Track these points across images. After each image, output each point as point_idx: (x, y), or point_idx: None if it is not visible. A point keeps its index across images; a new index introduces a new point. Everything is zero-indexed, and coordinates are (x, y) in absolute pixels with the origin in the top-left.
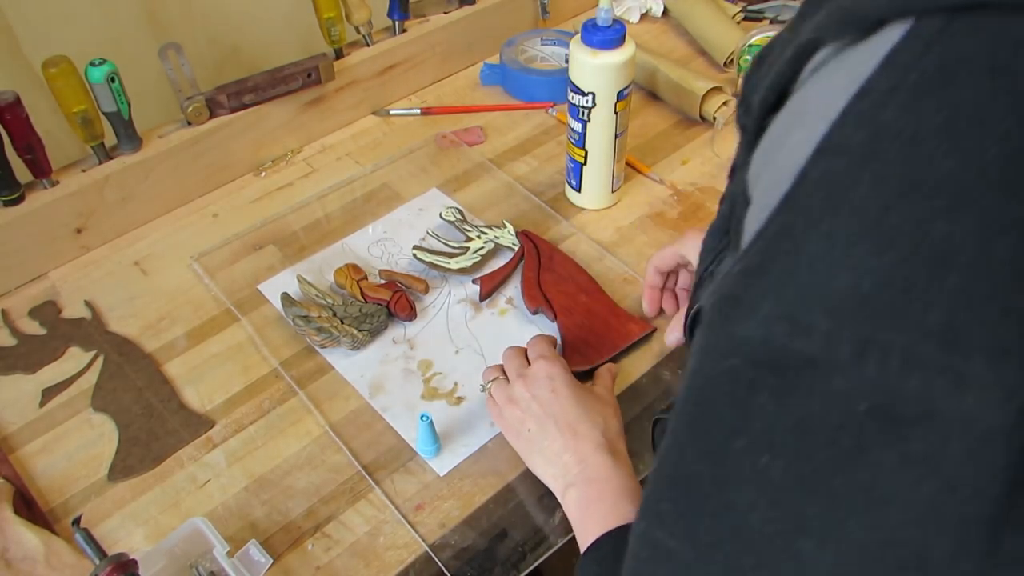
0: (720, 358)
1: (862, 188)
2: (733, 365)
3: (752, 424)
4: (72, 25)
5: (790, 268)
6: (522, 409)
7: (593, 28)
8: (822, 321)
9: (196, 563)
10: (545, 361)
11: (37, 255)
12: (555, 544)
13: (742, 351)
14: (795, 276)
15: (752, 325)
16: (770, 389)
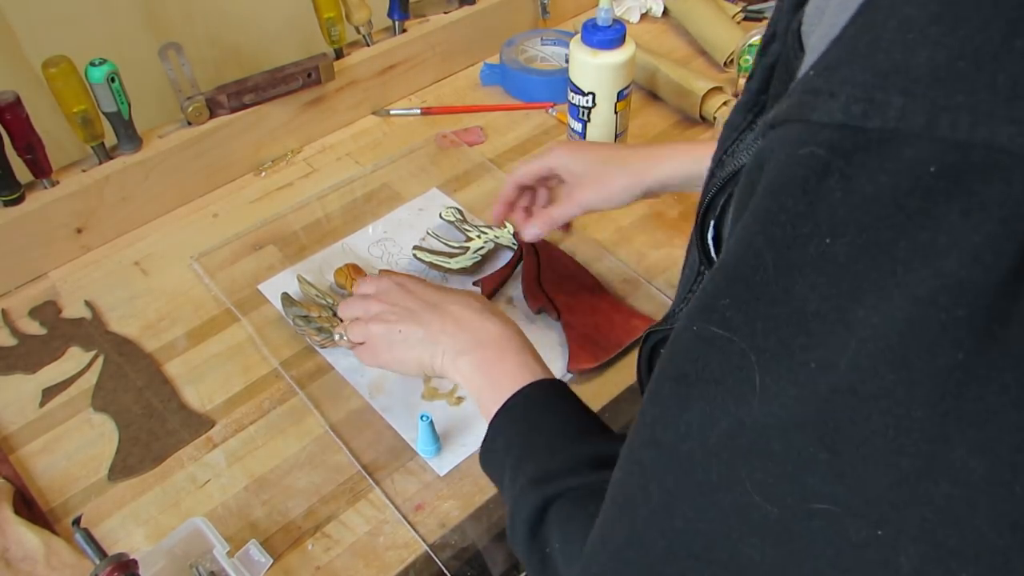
0: (793, 146)
1: None
2: (809, 153)
3: (818, 209)
4: (72, 25)
5: (868, 55)
6: (384, 320)
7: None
8: (896, 98)
9: (196, 563)
10: (386, 277)
11: (37, 255)
12: None
13: (815, 136)
14: (872, 61)
15: (831, 110)
16: (840, 172)
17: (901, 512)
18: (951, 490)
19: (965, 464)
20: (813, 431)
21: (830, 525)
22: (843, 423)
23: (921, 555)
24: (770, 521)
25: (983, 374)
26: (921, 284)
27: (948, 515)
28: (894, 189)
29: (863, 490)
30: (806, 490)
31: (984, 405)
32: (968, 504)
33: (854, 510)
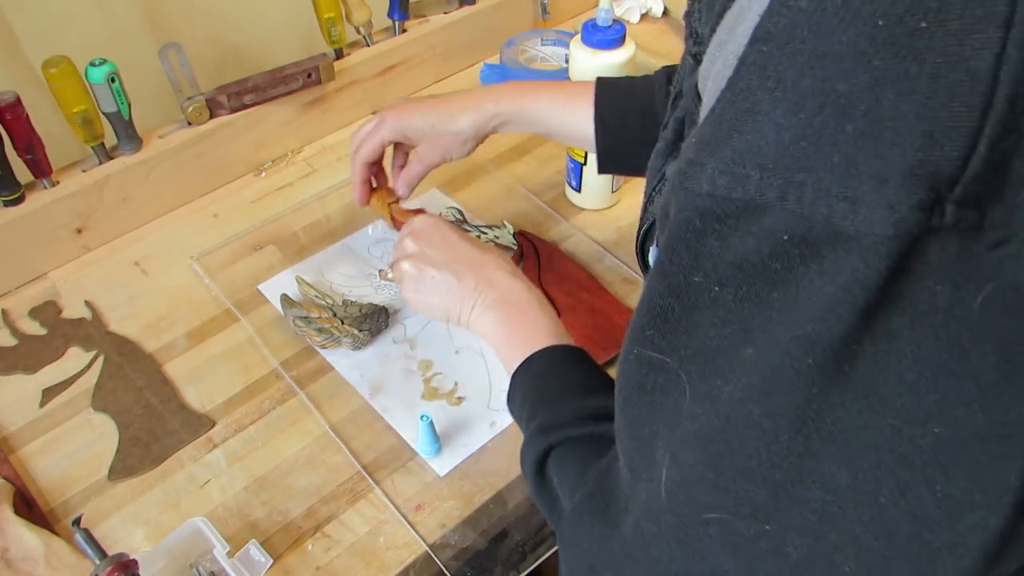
0: (679, 212)
1: (783, 64)
2: (687, 216)
3: (704, 263)
4: (72, 25)
5: (729, 134)
6: (418, 261)
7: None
8: (753, 172)
9: (196, 563)
10: (427, 216)
11: (37, 255)
12: (555, 544)
13: (693, 204)
14: (732, 140)
15: (701, 181)
16: (716, 233)
17: (783, 512)
18: (823, 495)
19: (832, 475)
20: (703, 451)
21: (723, 528)
22: (723, 447)
23: (807, 546)
24: (671, 526)
25: (837, 402)
26: (783, 333)
27: (824, 516)
28: (759, 251)
29: (746, 499)
30: (697, 502)
31: (841, 427)
32: (840, 508)
33: (742, 515)
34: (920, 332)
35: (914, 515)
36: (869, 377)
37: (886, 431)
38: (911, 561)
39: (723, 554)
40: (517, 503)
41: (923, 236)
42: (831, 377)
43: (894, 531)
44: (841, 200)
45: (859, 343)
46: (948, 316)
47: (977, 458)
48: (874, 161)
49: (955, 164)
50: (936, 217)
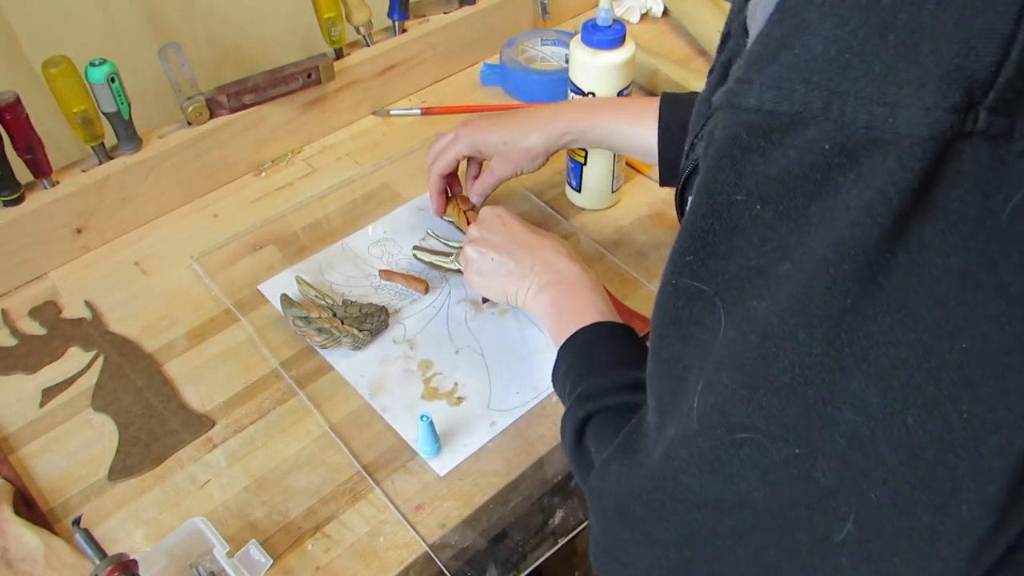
0: (725, 129)
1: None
2: (734, 132)
3: (747, 180)
4: (72, 25)
5: (778, 50)
6: (480, 246)
7: (593, 28)
8: (800, 86)
9: (196, 563)
10: (491, 207)
11: (37, 255)
12: (555, 544)
13: (740, 120)
14: (781, 56)
15: (749, 97)
16: (761, 149)
17: (813, 434)
18: (853, 416)
19: (862, 393)
20: (738, 369)
21: (754, 451)
22: (758, 362)
23: (834, 472)
24: (703, 451)
25: (870, 315)
26: (820, 243)
27: (853, 439)
28: (802, 163)
29: (778, 418)
30: (731, 423)
31: (873, 341)
32: (869, 430)
33: (773, 435)
34: (951, 242)
35: (941, 438)
36: (901, 289)
37: (916, 347)
38: (935, 489)
39: (753, 479)
40: (517, 503)
41: (956, 141)
42: (865, 287)
43: (920, 455)
44: (881, 105)
45: (892, 252)
46: (978, 226)
47: (1003, 373)
48: (913, 68)
49: (989, 69)
50: (970, 121)
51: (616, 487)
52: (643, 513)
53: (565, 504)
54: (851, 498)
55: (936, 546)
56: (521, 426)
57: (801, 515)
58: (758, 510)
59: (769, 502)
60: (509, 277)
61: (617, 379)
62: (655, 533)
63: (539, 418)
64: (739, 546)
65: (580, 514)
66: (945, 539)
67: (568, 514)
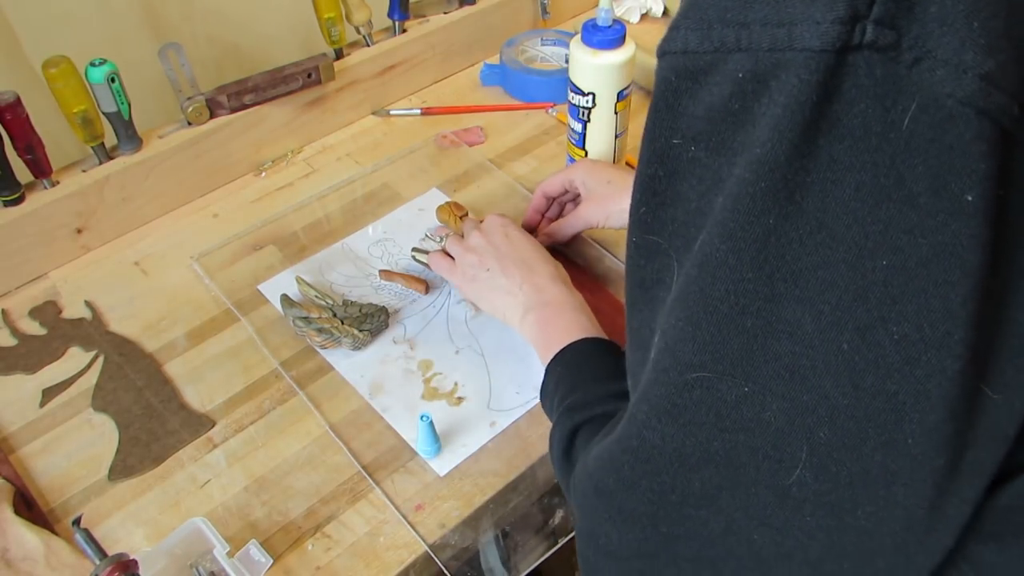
0: (659, 74)
1: None
2: (665, 75)
3: (680, 123)
4: (72, 25)
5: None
6: (479, 254)
7: (593, 28)
8: (716, 25)
9: (196, 563)
10: (496, 215)
11: (37, 255)
12: (555, 544)
13: (671, 64)
14: (700, 1)
15: (676, 41)
16: (689, 92)
17: (759, 368)
18: (792, 347)
19: (797, 320)
20: (682, 306)
21: (706, 392)
22: (697, 295)
23: (783, 412)
24: (660, 399)
25: (795, 237)
26: (740, 166)
27: (795, 372)
28: (723, 96)
29: (723, 352)
30: (682, 363)
31: (800, 265)
32: (809, 360)
33: (721, 371)
34: (859, 158)
35: (876, 363)
36: (819, 209)
37: (841, 267)
38: (879, 421)
39: (709, 424)
40: (517, 503)
41: (849, 54)
42: (784, 206)
43: (859, 384)
44: (779, 27)
45: (806, 171)
46: (881, 140)
47: (923, 287)
48: None
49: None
50: (858, 34)
51: (592, 466)
52: (615, 484)
53: (565, 504)
54: (801, 440)
55: (892, 490)
56: (521, 426)
57: (760, 466)
58: (720, 464)
59: (728, 452)
60: (497, 292)
61: (604, 390)
62: (628, 505)
63: (539, 418)
64: (710, 515)
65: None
66: (899, 481)
67: (568, 514)
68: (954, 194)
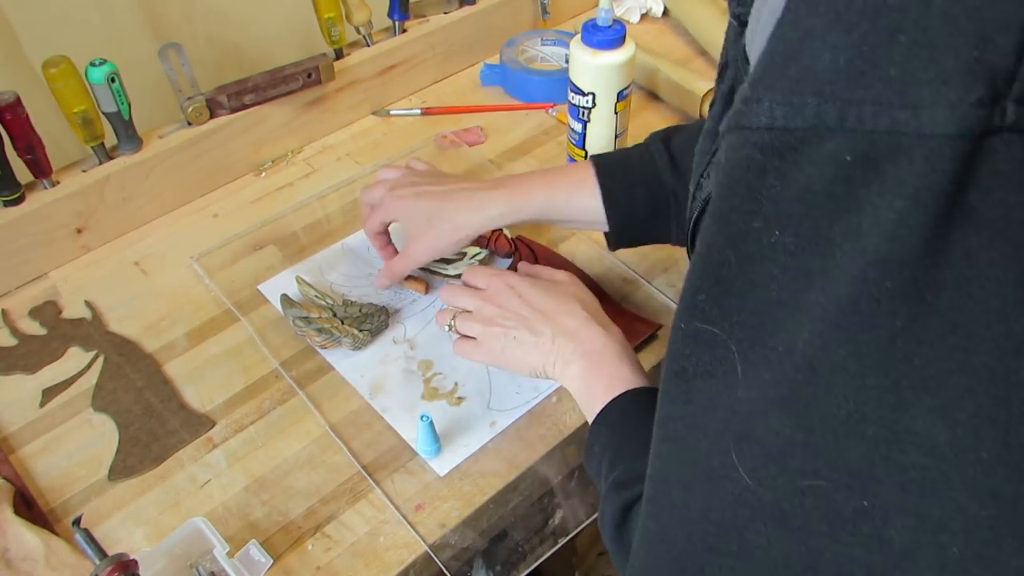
0: (736, 152)
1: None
2: (747, 154)
3: (764, 205)
4: (72, 25)
5: (785, 64)
6: (501, 324)
7: (593, 28)
8: (811, 99)
9: (196, 563)
10: (495, 276)
11: (37, 255)
12: (555, 544)
13: (752, 140)
14: (788, 70)
15: (759, 115)
16: (776, 171)
17: (881, 483)
18: (921, 459)
19: (928, 431)
20: (788, 412)
21: (821, 500)
22: (810, 400)
23: (909, 528)
24: (765, 504)
25: (925, 340)
26: (854, 263)
27: (925, 485)
28: (821, 179)
29: (841, 462)
30: (791, 469)
31: (933, 371)
32: (941, 473)
33: (838, 482)
34: (1000, 250)
35: (1020, 467)
36: (954, 308)
37: (980, 371)
38: (1020, 525)
39: (823, 535)
40: (517, 503)
41: (987, 138)
42: (913, 307)
43: (1000, 492)
44: (901, 109)
45: (938, 266)
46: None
47: None
48: (931, 67)
49: (1009, 59)
50: (997, 116)
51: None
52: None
53: (565, 504)
54: (931, 559)
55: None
56: (521, 426)
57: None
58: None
59: (840, 566)
60: (533, 352)
61: None
62: None
63: (539, 418)
64: None
65: (580, 514)
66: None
67: (568, 514)
68: None
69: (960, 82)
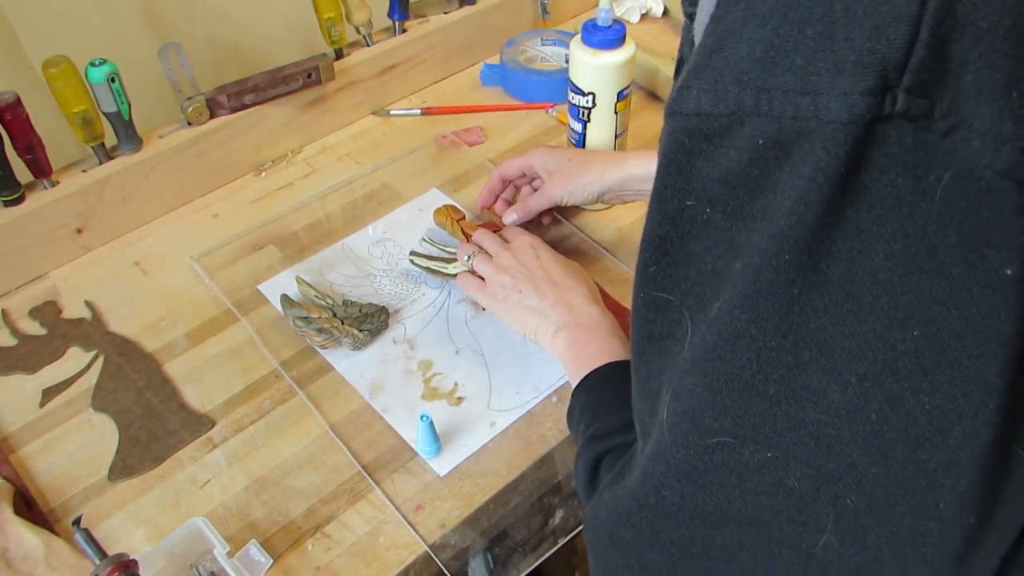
0: (669, 135)
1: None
2: (677, 137)
3: (695, 184)
4: (72, 25)
5: (710, 56)
6: (512, 274)
7: (593, 28)
8: (732, 87)
9: (196, 563)
10: (526, 235)
11: (37, 255)
12: (555, 544)
13: (683, 125)
14: (713, 60)
15: (688, 102)
16: (703, 153)
17: (782, 436)
18: (817, 415)
19: (823, 389)
20: (700, 372)
21: (728, 455)
22: (717, 362)
23: (808, 478)
24: (678, 461)
25: (820, 306)
26: (763, 237)
27: (821, 440)
28: (740, 161)
29: (745, 419)
30: (701, 428)
31: (826, 334)
32: (835, 429)
33: (743, 437)
34: (888, 227)
35: (907, 432)
36: (846, 278)
37: (869, 338)
38: (909, 488)
39: (731, 486)
40: (517, 503)
41: (879, 124)
42: (809, 276)
43: (889, 453)
44: (803, 95)
45: (832, 240)
46: (912, 209)
47: (957, 359)
48: (830, 57)
49: (900, 51)
50: (888, 104)
51: (606, 514)
52: (633, 536)
53: (565, 504)
54: (827, 506)
55: (921, 551)
56: (521, 426)
57: (784, 528)
58: (742, 523)
59: (750, 513)
60: (531, 312)
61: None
62: (646, 556)
63: (539, 418)
64: (731, 568)
65: (580, 514)
66: (929, 542)
67: (568, 514)
68: (992, 267)
69: (853, 72)
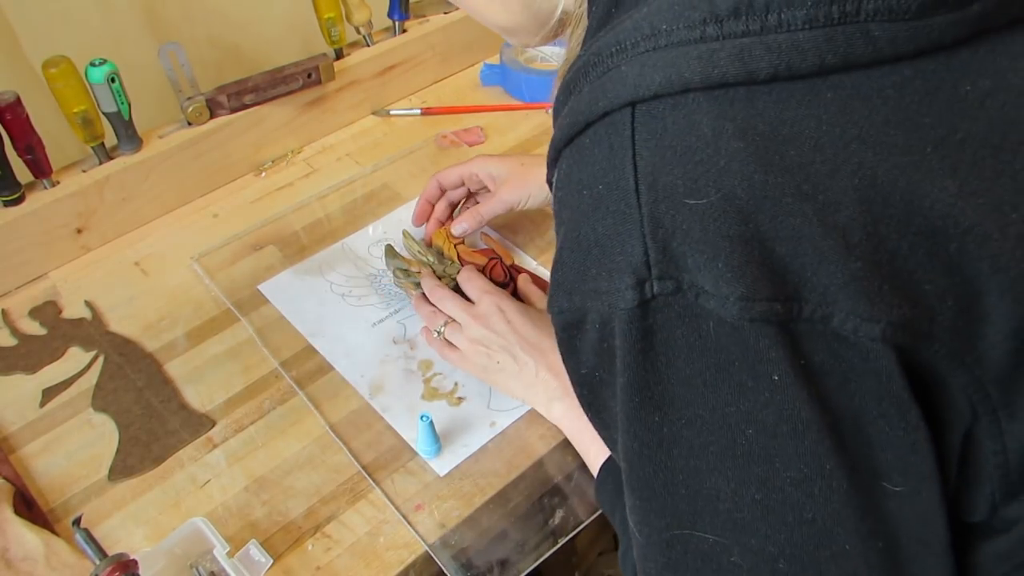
0: (556, 327)
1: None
2: (558, 330)
3: (581, 358)
4: (72, 25)
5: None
6: (486, 346)
7: None
8: (570, 294)
9: (196, 563)
10: (489, 295)
11: (37, 255)
12: (555, 544)
13: (557, 321)
14: (556, 275)
15: (555, 305)
16: (575, 336)
17: (711, 523)
18: (724, 506)
19: (715, 484)
20: (628, 487)
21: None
22: (633, 477)
23: (746, 553)
24: (656, 555)
25: (678, 429)
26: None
27: (736, 525)
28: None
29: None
30: (654, 527)
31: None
32: (740, 513)
33: (687, 526)
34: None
35: (786, 503)
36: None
37: (724, 442)
38: (818, 542)
39: (706, 570)
40: (517, 503)
41: (651, 303)
42: (660, 409)
43: (785, 520)
44: (602, 295)
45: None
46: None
47: (784, 442)
48: (607, 266)
49: (641, 256)
50: (648, 290)
51: None
52: None
53: (565, 504)
54: (767, 573)
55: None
56: (521, 426)
57: None
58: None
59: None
60: (515, 380)
61: None
62: None
63: (539, 418)
64: None
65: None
66: (859, 572)
67: (568, 514)
68: (766, 376)
69: (620, 276)
